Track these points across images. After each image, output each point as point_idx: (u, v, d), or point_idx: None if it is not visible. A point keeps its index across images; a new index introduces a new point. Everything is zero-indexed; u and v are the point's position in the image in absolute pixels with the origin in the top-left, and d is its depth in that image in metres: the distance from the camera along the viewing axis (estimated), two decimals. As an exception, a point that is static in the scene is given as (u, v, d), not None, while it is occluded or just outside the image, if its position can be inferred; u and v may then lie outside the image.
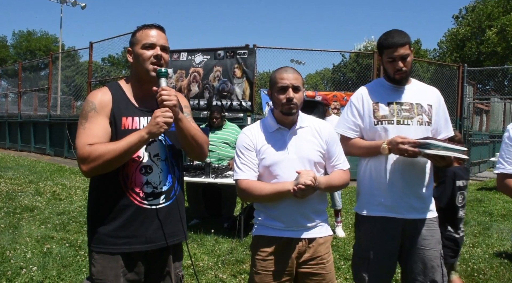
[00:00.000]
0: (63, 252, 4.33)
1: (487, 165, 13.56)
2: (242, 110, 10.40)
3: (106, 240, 1.78)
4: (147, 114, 1.84)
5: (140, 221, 1.80)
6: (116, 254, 1.78)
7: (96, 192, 1.83)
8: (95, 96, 1.80)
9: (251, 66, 10.17)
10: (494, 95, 15.97)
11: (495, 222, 6.15)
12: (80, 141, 1.71)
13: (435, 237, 2.30)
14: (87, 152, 1.67)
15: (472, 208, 7.14)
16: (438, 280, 2.25)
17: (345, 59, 33.95)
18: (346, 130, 2.38)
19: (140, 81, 1.87)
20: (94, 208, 1.84)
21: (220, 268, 4.05)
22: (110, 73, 36.78)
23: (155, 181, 1.84)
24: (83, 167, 1.69)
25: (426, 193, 2.32)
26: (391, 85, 2.34)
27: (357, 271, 2.41)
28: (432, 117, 2.34)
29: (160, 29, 1.86)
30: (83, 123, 1.76)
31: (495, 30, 27.87)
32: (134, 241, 1.79)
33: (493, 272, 4.09)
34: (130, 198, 1.79)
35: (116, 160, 1.70)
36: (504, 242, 5.18)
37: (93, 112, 1.76)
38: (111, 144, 1.71)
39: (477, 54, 29.08)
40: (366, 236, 2.35)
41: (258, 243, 2.09)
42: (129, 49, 1.87)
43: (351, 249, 4.74)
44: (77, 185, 8.45)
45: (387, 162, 2.28)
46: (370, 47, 39.05)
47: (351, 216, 6.32)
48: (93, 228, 1.82)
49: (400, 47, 2.22)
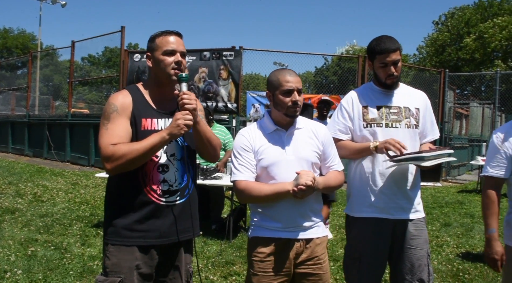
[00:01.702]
0: (48, 255, 4.23)
1: (466, 168, 13.88)
2: (227, 112, 10.40)
3: (122, 233, 1.86)
4: (164, 116, 1.94)
5: (156, 216, 1.89)
6: (131, 246, 1.86)
7: (116, 188, 1.92)
8: (116, 98, 1.88)
9: (237, 68, 10.18)
10: (473, 100, 16.39)
11: (476, 224, 6.29)
12: (103, 141, 1.80)
13: (423, 237, 2.36)
14: (111, 151, 1.77)
15: (454, 210, 7.30)
16: (425, 279, 2.31)
17: (328, 62, 34.31)
18: (337, 132, 2.42)
19: (159, 84, 1.96)
20: (113, 202, 1.92)
21: (210, 270, 4.03)
22: (90, 72, 36.24)
23: (171, 179, 1.93)
24: (107, 165, 1.78)
25: (414, 193, 2.38)
26: (380, 89, 2.40)
27: (348, 272, 2.45)
28: (419, 120, 2.40)
29: (179, 35, 1.96)
30: (106, 124, 1.84)
31: (473, 37, 28.61)
32: (149, 235, 1.88)
33: (477, 272, 4.19)
34: (148, 195, 1.88)
35: (138, 159, 1.80)
36: (486, 243, 5.30)
37: (115, 113, 1.84)
38: (134, 144, 1.81)
39: (456, 60, 29.78)
40: (357, 237, 2.38)
41: (255, 244, 2.09)
42: (148, 54, 1.95)
43: (339, 250, 4.80)
44: (59, 187, 8.28)
45: (377, 164, 2.33)
46: (352, 51, 39.57)
47: (338, 218, 6.38)
48: (110, 221, 1.90)
49: (392, 52, 2.27)
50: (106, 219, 1.95)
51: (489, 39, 27.20)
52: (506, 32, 26.45)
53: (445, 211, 7.05)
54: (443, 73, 12.06)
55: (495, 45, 26.99)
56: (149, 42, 1.95)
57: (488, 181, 2.29)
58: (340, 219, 6.32)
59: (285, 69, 2.12)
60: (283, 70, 2.10)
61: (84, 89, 31.23)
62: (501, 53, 28.05)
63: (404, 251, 2.33)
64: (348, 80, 11.72)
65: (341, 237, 5.36)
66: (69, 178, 9.54)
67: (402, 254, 2.33)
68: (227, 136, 5.82)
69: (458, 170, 12.97)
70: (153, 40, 1.93)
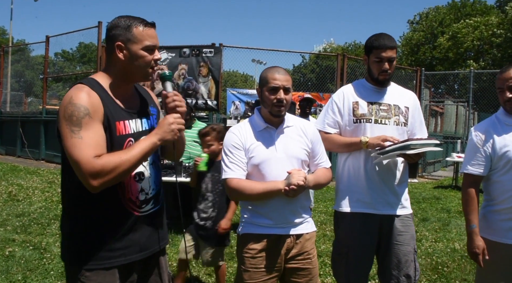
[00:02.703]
0: (27, 255, 4.12)
1: (441, 164, 14.25)
2: (207, 109, 10.33)
3: (101, 255, 1.61)
4: (133, 116, 1.70)
5: (134, 230, 1.69)
6: (112, 268, 1.64)
7: (87, 202, 1.60)
8: (82, 98, 1.53)
9: (217, 65, 10.12)
10: (447, 98, 16.82)
11: (453, 218, 6.47)
12: (83, 154, 1.47)
13: (410, 233, 2.40)
14: (100, 166, 1.48)
15: (430, 205, 7.48)
16: (411, 274, 2.36)
17: (305, 60, 34.53)
18: (325, 125, 2.46)
19: (127, 80, 1.69)
20: (83, 219, 1.63)
21: (194, 267, 4.00)
22: (64, 68, 35.33)
23: (146, 187, 1.74)
24: (94, 183, 1.48)
25: (401, 190, 2.43)
26: (372, 86, 2.44)
27: (336, 267, 2.48)
28: (408, 118, 2.45)
29: (155, 27, 1.69)
30: (77, 132, 1.49)
31: (447, 36, 29.32)
32: (130, 251, 1.68)
33: (455, 265, 4.32)
34: (127, 208, 1.67)
35: (129, 171, 1.57)
36: (462, 236, 5.45)
37: (87, 118, 1.51)
38: (123, 154, 1.55)
39: (430, 59, 30.48)
40: (346, 232, 2.42)
41: (246, 241, 2.10)
42: (120, 44, 1.61)
43: (321, 245, 4.85)
44: (35, 186, 8.05)
45: (365, 160, 2.37)
46: (329, 49, 39.95)
47: (319, 214, 6.45)
48: (80, 242, 1.63)
49: (389, 49, 2.33)
50: (71, 238, 1.65)
51: (462, 39, 27.95)
52: (478, 32, 27.23)
53: (422, 206, 7.22)
54: (419, 72, 12.33)
55: (467, 45, 27.74)
56: (121, 30, 1.61)
57: (468, 178, 2.35)
58: (322, 215, 6.39)
59: (276, 67, 2.13)
60: (273, 68, 2.11)
61: (58, 85, 30.40)
62: (473, 52, 28.86)
63: (391, 247, 2.37)
64: (325, 78, 11.82)
65: (323, 233, 5.42)
66: (45, 176, 9.29)
67: (389, 250, 2.38)
68: (209, 133, 5.78)
69: (433, 167, 13.30)
70: (129, 29, 1.61)
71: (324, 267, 4.14)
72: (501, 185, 2.27)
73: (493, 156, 2.28)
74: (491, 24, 26.57)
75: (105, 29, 1.68)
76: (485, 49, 27.64)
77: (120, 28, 1.61)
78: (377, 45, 2.34)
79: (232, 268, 3.96)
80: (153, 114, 1.82)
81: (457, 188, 9.71)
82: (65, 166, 1.63)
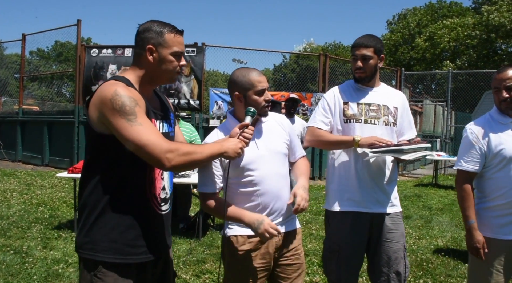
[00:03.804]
0: (8, 260, 3.99)
1: (420, 163, 14.52)
2: (190, 109, 10.26)
3: (125, 250, 1.62)
4: (159, 117, 1.75)
5: (155, 227, 1.73)
6: (132, 264, 1.65)
7: (113, 194, 1.62)
8: (126, 90, 1.57)
9: (200, 65, 10.06)
10: (426, 98, 17.16)
11: (434, 216, 6.61)
12: (151, 136, 1.52)
13: (400, 231, 2.44)
14: (174, 145, 1.58)
15: (412, 203, 7.61)
16: (401, 271, 2.39)
17: (286, 60, 34.66)
18: (318, 122, 2.48)
19: (153, 82, 1.75)
20: (109, 211, 1.62)
21: (181, 269, 3.97)
22: (39, 68, 34.51)
23: (167, 186, 1.79)
24: (170, 156, 1.52)
25: (391, 188, 2.46)
26: (358, 86, 2.48)
27: (328, 264, 2.50)
28: (397, 118, 2.49)
29: (183, 35, 1.76)
30: (134, 120, 1.52)
31: (424, 37, 29.90)
32: (151, 249, 1.69)
33: (439, 261, 4.40)
34: (152, 205, 1.70)
35: (198, 163, 1.68)
36: (444, 233, 5.58)
37: (138, 107, 1.55)
38: (194, 146, 1.68)
39: (408, 59, 31.03)
40: (337, 230, 2.44)
41: (235, 243, 2.05)
42: (151, 47, 1.66)
43: (308, 245, 4.87)
44: (13, 188, 7.83)
45: (355, 159, 2.40)
46: (309, 49, 40.22)
47: (304, 213, 6.45)
48: (101, 233, 1.62)
49: (363, 47, 2.38)
50: (92, 230, 1.63)
51: (439, 40, 28.54)
52: (454, 33, 27.85)
53: (404, 204, 7.32)
54: (399, 72, 12.54)
55: (444, 46, 28.36)
56: (154, 33, 1.66)
57: (462, 175, 2.39)
58: (307, 215, 6.42)
59: (249, 68, 2.07)
60: (249, 70, 2.05)
61: (33, 85, 29.69)
62: (449, 53, 29.52)
63: (381, 244, 2.40)
64: (306, 77, 11.90)
65: (309, 232, 5.45)
66: (23, 178, 9.05)
67: (379, 247, 2.40)
68: (193, 133, 5.73)
69: (413, 165, 13.54)
70: (161, 34, 1.66)
71: (312, 266, 4.16)
72: (495, 182, 2.32)
73: (488, 153, 2.33)
74: (467, 25, 27.23)
75: (136, 31, 1.72)
76: (461, 49, 28.31)
77: (153, 32, 1.67)
78: (353, 44, 2.44)
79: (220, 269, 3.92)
80: (171, 118, 1.86)
81: (437, 186, 9.92)
82: (92, 160, 1.66)
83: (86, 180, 1.66)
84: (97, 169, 1.63)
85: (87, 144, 1.73)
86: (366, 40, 2.39)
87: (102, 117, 1.56)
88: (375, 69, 2.44)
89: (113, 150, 1.60)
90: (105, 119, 1.55)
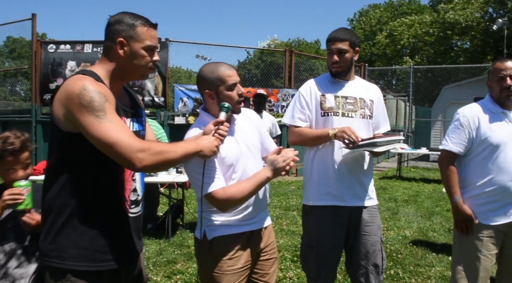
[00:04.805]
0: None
1: (384, 156, 14.88)
2: (154, 106, 10.02)
3: (95, 257, 1.51)
4: (129, 115, 1.64)
5: (128, 232, 1.62)
6: (104, 272, 1.54)
7: (81, 199, 1.51)
8: (94, 85, 1.45)
9: (164, 60, 9.81)
10: (388, 93, 17.61)
11: (400, 207, 6.78)
12: (121, 134, 1.41)
13: (376, 224, 2.45)
14: (146, 143, 1.48)
15: (378, 195, 7.62)
16: (379, 264, 2.41)
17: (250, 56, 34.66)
18: (296, 119, 2.44)
19: (123, 78, 1.63)
20: (79, 219, 1.51)
21: (152, 270, 3.84)
22: (-10, 65, 32.79)
23: (139, 188, 1.68)
24: (141, 156, 1.41)
25: (368, 181, 2.47)
26: (336, 80, 2.46)
27: (306, 260, 2.47)
28: (373, 111, 2.49)
29: (157, 29, 1.66)
30: (103, 116, 1.41)
31: (385, 34, 30.72)
32: (123, 255, 1.60)
33: (408, 251, 4.50)
34: (124, 207, 1.60)
35: (172, 163, 1.56)
36: (411, 224, 5.72)
37: (108, 103, 1.44)
38: (167, 145, 1.57)
39: (370, 55, 31.78)
40: (315, 225, 2.41)
41: (220, 244, 1.95)
42: (122, 40, 1.55)
43: (280, 241, 4.84)
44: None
45: (333, 153, 2.38)
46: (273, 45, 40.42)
47: (274, 209, 6.46)
48: (73, 242, 1.50)
49: (338, 41, 2.35)
50: (59, 236, 1.51)
51: (398, 36, 29.38)
52: (413, 30, 28.75)
53: (371, 197, 7.48)
54: (363, 67, 12.80)
55: (403, 42, 29.23)
56: (125, 26, 1.56)
57: (447, 154, 2.49)
58: (277, 210, 6.42)
59: (217, 63, 1.98)
60: (217, 65, 1.96)
61: (-15, 82, 28.22)
62: (409, 49, 30.48)
63: (359, 238, 2.39)
64: (270, 73, 11.92)
65: (279, 227, 5.43)
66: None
67: (357, 241, 2.40)
68: (159, 131, 5.57)
69: (377, 159, 13.84)
70: (133, 27, 1.56)
71: (285, 262, 4.14)
72: (480, 170, 2.40)
73: (475, 139, 2.40)
74: (425, 22, 28.16)
75: (107, 23, 1.60)
76: (420, 46, 29.28)
77: (124, 24, 1.56)
78: (328, 38, 2.41)
79: (192, 269, 3.84)
80: (142, 116, 1.75)
81: (401, 178, 10.20)
82: (58, 161, 1.54)
83: (50, 183, 1.54)
84: (63, 170, 1.51)
85: (51, 144, 1.59)
86: (341, 34, 2.37)
87: (68, 114, 1.44)
88: (351, 63, 2.43)
89: (81, 150, 1.48)
90: (71, 116, 1.43)
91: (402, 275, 3.81)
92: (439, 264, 4.10)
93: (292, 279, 3.70)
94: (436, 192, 8.18)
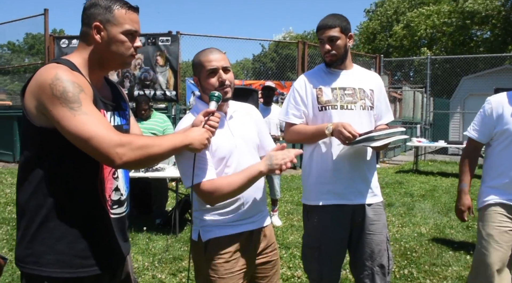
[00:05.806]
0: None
1: (401, 149, 14.58)
2: (166, 100, 9.97)
3: (75, 262, 1.39)
4: (108, 108, 1.51)
5: (110, 234, 1.50)
6: (85, 278, 1.42)
7: (57, 200, 1.39)
8: (68, 74, 1.34)
9: (175, 54, 9.73)
10: (405, 84, 17.22)
11: (416, 202, 6.55)
12: (98, 127, 1.29)
13: (382, 221, 2.30)
14: (126, 137, 1.33)
15: (394, 190, 7.55)
16: (385, 264, 2.27)
17: (265, 49, 34.43)
18: (290, 116, 2.30)
19: (102, 67, 1.50)
20: (54, 221, 1.39)
21: (157, 267, 3.76)
22: (11, 61, 33.33)
23: (122, 187, 1.56)
24: (121, 150, 1.29)
25: (371, 176, 2.32)
26: (330, 70, 2.30)
27: (308, 261, 2.35)
28: (374, 101, 2.33)
29: (138, 12, 1.52)
30: (78, 108, 1.29)
31: (402, 25, 30.02)
32: (105, 259, 1.47)
33: (423, 249, 4.31)
34: (105, 208, 1.47)
35: (157, 158, 1.42)
36: (427, 220, 5.51)
37: (83, 94, 1.32)
38: (151, 138, 1.44)
39: (387, 47, 31.14)
40: (317, 226, 2.28)
41: (216, 246, 1.84)
42: (98, 24, 1.43)
43: (289, 237, 4.72)
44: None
45: (332, 148, 2.24)
46: (288, 38, 40.03)
47: (285, 204, 6.33)
48: (50, 247, 1.38)
49: (328, 29, 2.21)
50: (35, 241, 1.39)
51: (415, 27, 28.68)
52: (431, 21, 28.02)
53: (386, 192, 7.26)
54: (378, 59, 12.48)
55: (421, 33, 28.53)
56: (101, 9, 1.44)
57: (468, 141, 2.56)
58: (288, 205, 6.28)
59: (207, 48, 1.87)
60: (205, 50, 1.86)
61: (5, 79, 28.70)
62: (426, 40, 29.75)
63: (363, 237, 2.26)
64: (285, 66, 11.74)
65: (290, 223, 5.31)
66: (-9, 176, 8.65)
67: (361, 240, 2.27)
68: (165, 123, 5.51)
69: (393, 152, 13.57)
70: (109, 9, 1.43)
71: (294, 259, 4.02)
72: (502, 159, 2.40)
73: (496, 128, 2.41)
74: (443, 13, 27.40)
75: (83, 7, 1.49)
76: (438, 37, 28.54)
77: (100, 7, 1.44)
78: (318, 27, 2.26)
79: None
80: (125, 109, 1.63)
81: (417, 172, 9.93)
82: (30, 158, 1.41)
83: (22, 183, 1.42)
84: (36, 169, 1.39)
85: (23, 140, 1.46)
86: (329, 21, 2.22)
87: (40, 106, 1.32)
88: (345, 50, 2.26)
89: (56, 146, 1.36)
90: (44, 109, 1.31)
91: (417, 275, 3.64)
92: (456, 263, 3.90)
93: (301, 278, 3.57)
94: (454, 186, 7.90)
